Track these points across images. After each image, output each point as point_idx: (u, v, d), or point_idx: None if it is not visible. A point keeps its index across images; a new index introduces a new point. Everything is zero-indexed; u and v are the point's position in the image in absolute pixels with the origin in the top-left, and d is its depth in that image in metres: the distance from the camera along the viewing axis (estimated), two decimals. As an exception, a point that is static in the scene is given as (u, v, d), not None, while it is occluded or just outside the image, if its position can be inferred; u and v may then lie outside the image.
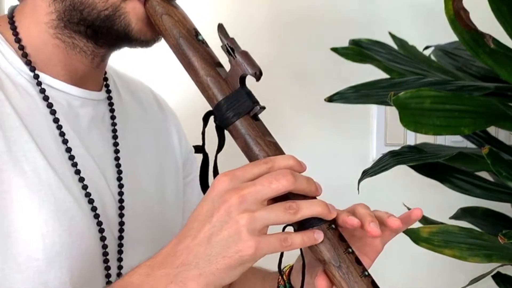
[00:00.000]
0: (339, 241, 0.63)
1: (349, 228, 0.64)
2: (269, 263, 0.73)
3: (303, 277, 0.68)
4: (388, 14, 1.48)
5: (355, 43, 1.22)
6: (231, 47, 0.66)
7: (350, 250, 0.63)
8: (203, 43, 0.70)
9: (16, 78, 0.74)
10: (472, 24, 1.00)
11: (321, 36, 1.43)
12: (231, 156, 0.69)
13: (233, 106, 0.66)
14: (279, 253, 0.71)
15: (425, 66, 1.20)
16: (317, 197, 0.63)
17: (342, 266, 0.62)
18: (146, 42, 0.75)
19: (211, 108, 0.68)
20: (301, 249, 0.67)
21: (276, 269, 0.70)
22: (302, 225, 0.62)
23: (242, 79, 0.67)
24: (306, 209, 0.60)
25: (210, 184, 0.64)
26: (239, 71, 0.66)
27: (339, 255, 0.62)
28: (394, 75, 1.19)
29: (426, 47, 1.30)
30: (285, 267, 0.77)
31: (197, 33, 0.70)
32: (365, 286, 0.62)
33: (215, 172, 0.68)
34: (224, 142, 0.69)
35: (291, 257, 0.74)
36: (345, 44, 1.22)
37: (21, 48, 0.75)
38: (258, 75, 0.65)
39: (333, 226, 0.63)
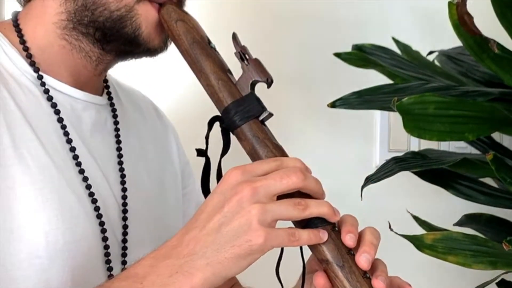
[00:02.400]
0: (342, 242, 0.64)
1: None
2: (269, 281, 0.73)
3: (303, 278, 0.68)
4: (392, 19, 1.47)
5: (358, 48, 1.22)
6: (244, 54, 0.69)
7: (352, 252, 0.64)
8: (215, 50, 0.72)
9: (20, 79, 0.74)
10: (476, 29, 0.99)
11: (324, 41, 1.43)
12: (234, 162, 0.69)
13: (243, 110, 0.68)
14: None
15: (428, 72, 1.19)
16: None
17: (345, 266, 0.63)
18: (153, 50, 0.76)
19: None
20: (301, 250, 0.67)
21: None
22: (306, 226, 0.64)
23: (253, 85, 0.69)
24: (314, 208, 0.62)
25: (211, 189, 0.65)
26: (251, 77, 0.69)
27: (342, 256, 0.63)
28: (397, 80, 1.19)
29: (430, 52, 1.29)
30: None
31: (209, 41, 0.73)
32: (367, 286, 0.62)
33: (219, 176, 0.69)
34: (229, 145, 0.70)
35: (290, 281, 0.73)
36: (348, 49, 1.22)
37: (26, 49, 0.75)
38: (269, 82, 0.69)
39: (336, 228, 0.65)
